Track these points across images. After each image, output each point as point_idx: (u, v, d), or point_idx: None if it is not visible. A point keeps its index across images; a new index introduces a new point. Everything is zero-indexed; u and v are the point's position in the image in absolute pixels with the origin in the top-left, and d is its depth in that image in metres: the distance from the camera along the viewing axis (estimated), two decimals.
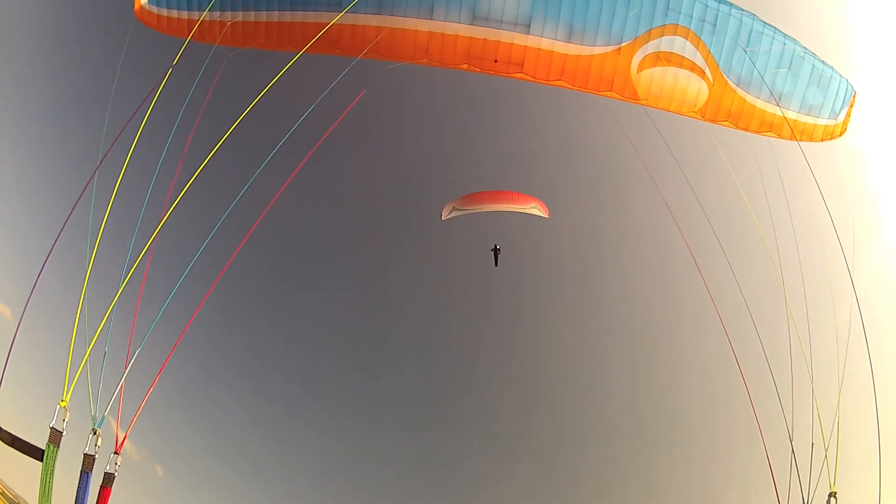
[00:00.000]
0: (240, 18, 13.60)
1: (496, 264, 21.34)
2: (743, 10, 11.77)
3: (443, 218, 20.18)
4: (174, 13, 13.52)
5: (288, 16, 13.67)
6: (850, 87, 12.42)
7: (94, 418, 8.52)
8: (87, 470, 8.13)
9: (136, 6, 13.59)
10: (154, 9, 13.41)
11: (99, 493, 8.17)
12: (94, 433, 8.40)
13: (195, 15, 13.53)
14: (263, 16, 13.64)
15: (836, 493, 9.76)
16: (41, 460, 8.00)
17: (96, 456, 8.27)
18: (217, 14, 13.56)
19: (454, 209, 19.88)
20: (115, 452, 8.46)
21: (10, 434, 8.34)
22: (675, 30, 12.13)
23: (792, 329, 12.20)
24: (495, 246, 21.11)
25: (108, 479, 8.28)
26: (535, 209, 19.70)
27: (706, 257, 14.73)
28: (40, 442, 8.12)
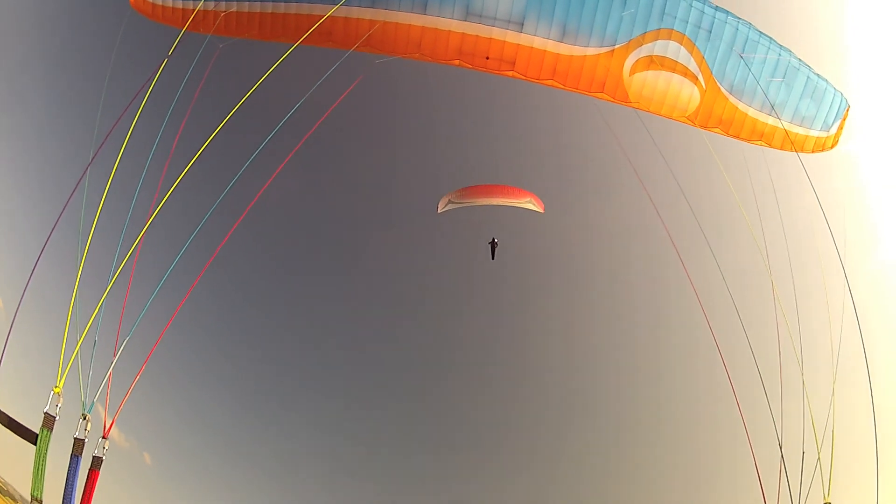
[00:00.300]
0: (234, 9, 13.61)
1: (493, 257, 21.49)
2: (739, 18, 11.49)
3: (438, 211, 20.31)
4: (169, 2, 13.57)
5: (282, 7, 13.64)
6: (844, 101, 12.16)
7: (83, 404, 9.07)
8: (76, 454, 8.71)
9: None
10: None
11: (88, 476, 8.77)
12: (84, 418, 8.95)
13: (190, 5, 13.57)
14: (258, 6, 13.63)
15: (830, 503, 9.58)
16: (35, 444, 8.60)
17: (86, 440, 8.84)
18: (211, 4, 13.59)
19: (450, 202, 19.99)
20: (103, 437, 9.04)
21: (7, 416, 8.94)
22: (669, 34, 11.91)
23: (784, 333, 12.15)
24: (493, 239, 21.21)
25: (97, 462, 8.88)
26: (530, 203, 19.73)
27: (699, 260, 14.72)
28: (33, 427, 8.69)
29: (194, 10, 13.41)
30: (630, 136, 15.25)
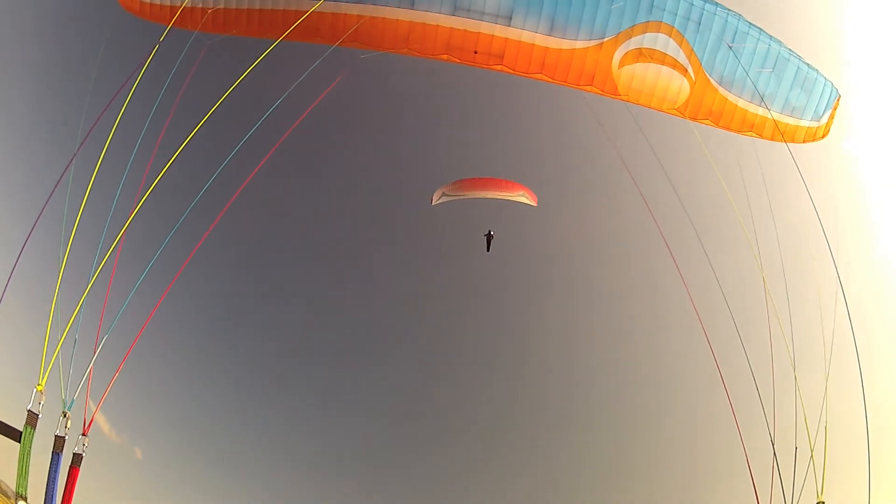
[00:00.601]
0: (221, 5, 13.56)
1: (488, 249, 21.46)
2: (729, 10, 11.37)
3: (433, 203, 20.29)
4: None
5: (269, 3, 13.59)
6: (834, 90, 12.00)
7: (64, 402, 9.04)
8: (57, 451, 8.68)
9: None
10: None
11: (68, 473, 8.75)
12: (65, 416, 8.93)
13: (177, 1, 13.53)
14: (245, 2, 13.57)
15: (823, 502, 9.32)
16: (19, 441, 8.58)
17: (66, 437, 8.81)
18: (199, 1, 13.54)
19: (444, 195, 19.95)
20: (83, 434, 9.01)
21: None
22: (658, 27, 11.78)
23: (777, 329, 11.98)
24: (489, 231, 21.18)
25: (77, 459, 8.85)
26: (524, 197, 19.67)
27: (695, 258, 14.52)
28: (17, 424, 8.67)
29: (181, 6, 13.36)
30: (628, 134, 15.09)
